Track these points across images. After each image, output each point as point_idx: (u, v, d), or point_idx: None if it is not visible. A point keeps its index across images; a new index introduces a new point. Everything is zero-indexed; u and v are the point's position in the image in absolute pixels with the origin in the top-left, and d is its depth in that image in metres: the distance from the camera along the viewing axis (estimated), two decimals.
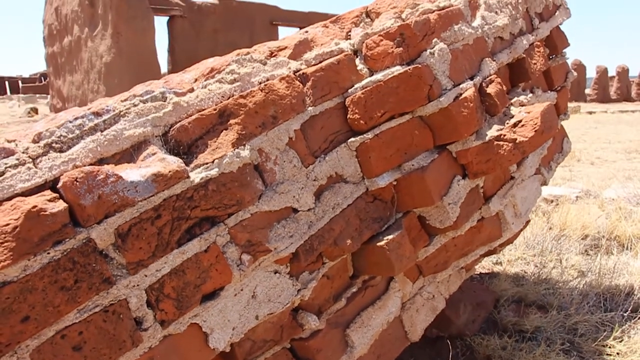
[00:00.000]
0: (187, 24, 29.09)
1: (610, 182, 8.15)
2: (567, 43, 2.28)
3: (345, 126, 1.39)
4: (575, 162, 11.17)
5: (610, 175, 9.30)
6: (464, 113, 1.41)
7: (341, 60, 1.40)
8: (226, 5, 32.13)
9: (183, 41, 28.95)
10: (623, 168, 10.36)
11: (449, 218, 1.45)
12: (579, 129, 20.97)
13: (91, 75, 18.17)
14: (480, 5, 1.70)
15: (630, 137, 17.42)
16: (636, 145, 14.50)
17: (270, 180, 1.22)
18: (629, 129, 21.05)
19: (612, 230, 3.35)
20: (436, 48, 1.40)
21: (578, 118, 28.16)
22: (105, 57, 16.84)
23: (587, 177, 8.75)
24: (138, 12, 16.31)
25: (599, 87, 51.41)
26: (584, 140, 16.28)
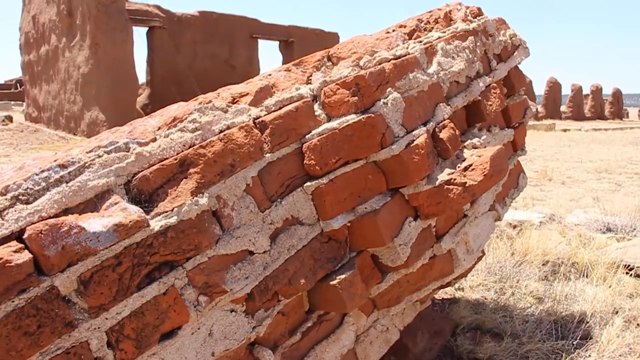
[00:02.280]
0: (166, 35, 29.09)
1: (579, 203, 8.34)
2: (525, 82, 2.39)
3: (301, 171, 1.47)
4: (547, 181, 11.38)
5: (579, 195, 9.51)
6: (415, 159, 1.50)
7: (300, 107, 1.48)
8: (206, 17, 32.22)
9: (162, 52, 28.94)
10: (592, 188, 10.59)
11: (399, 258, 1.54)
12: (553, 147, 21.35)
13: (68, 85, 18.08)
14: (437, 51, 1.80)
15: (601, 157, 17.78)
16: (606, 165, 14.80)
17: (228, 225, 1.30)
18: (600, 148, 21.45)
19: (571, 256, 3.46)
20: (390, 98, 1.49)
21: (553, 136, 28.65)
22: (83, 67, 16.78)
23: (556, 198, 8.93)
24: (117, 24, 16.29)
25: (573, 104, 52.30)
26: (556, 159, 16.57)
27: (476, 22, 2.11)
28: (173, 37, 29.63)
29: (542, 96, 51.86)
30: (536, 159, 16.38)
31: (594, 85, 55.09)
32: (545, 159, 16.45)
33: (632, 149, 21.60)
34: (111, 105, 16.12)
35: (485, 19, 2.18)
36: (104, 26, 16.11)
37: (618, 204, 6.99)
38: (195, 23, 31.61)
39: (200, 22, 31.81)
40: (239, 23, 33.85)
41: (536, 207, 5.08)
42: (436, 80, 1.73)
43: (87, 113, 17.00)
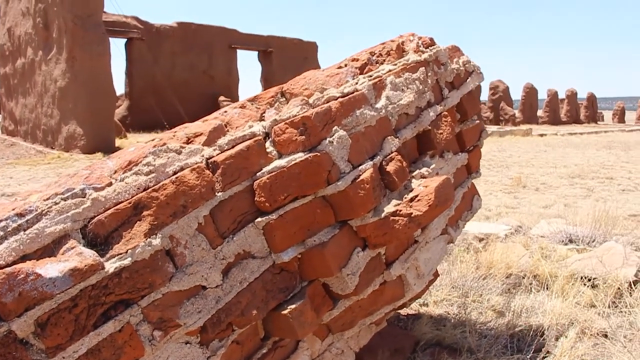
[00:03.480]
0: (145, 47, 29.09)
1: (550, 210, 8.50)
2: (478, 108, 2.50)
3: (253, 207, 1.55)
4: (521, 188, 11.54)
5: (551, 202, 9.68)
6: (360, 194, 1.59)
7: (251, 146, 1.57)
8: (185, 28, 32.27)
9: (141, 64, 28.93)
10: (564, 194, 10.77)
11: (348, 287, 1.63)
12: (529, 152, 21.61)
13: (45, 98, 18.01)
14: (386, 86, 1.89)
15: (575, 161, 18.05)
16: (579, 170, 15.04)
17: (181, 262, 1.38)
18: (575, 153, 21.77)
19: (533, 269, 3.58)
20: (335, 136, 1.59)
21: (529, 141, 28.97)
22: (60, 81, 16.73)
23: (529, 205, 9.10)
24: (94, 37, 16.28)
25: (550, 109, 52.96)
26: (532, 165, 16.79)
27: (428, 52, 2.21)
28: (152, 48, 29.63)
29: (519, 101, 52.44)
30: (512, 165, 16.59)
31: (569, 90, 55.87)
32: (521, 165, 16.66)
33: (605, 153, 21.94)
34: (89, 118, 16.10)
35: (438, 48, 2.28)
36: (81, 40, 16.10)
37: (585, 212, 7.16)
38: (174, 34, 31.64)
39: (178, 33, 31.85)
40: (218, 33, 33.93)
41: (503, 219, 5.20)
42: (384, 114, 1.82)
43: (64, 127, 16.95)
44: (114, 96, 17.89)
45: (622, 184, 12.87)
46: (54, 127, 17.79)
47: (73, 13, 16.03)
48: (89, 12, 16.38)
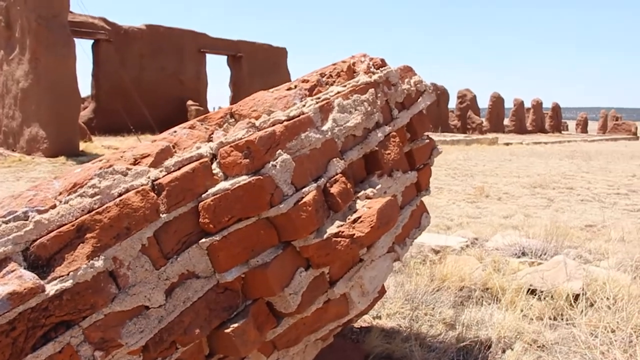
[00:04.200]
0: (112, 49, 28.77)
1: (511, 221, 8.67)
2: (428, 127, 2.57)
3: (197, 228, 1.59)
4: (484, 198, 11.73)
5: (512, 212, 9.86)
6: (302, 216, 1.64)
7: (196, 168, 1.61)
8: (153, 30, 32.05)
9: (108, 66, 28.61)
10: (526, 204, 10.98)
11: (290, 306, 1.67)
12: (494, 161, 21.95)
13: (6, 100, 17.68)
14: (333, 108, 1.95)
15: (538, 171, 18.39)
16: (541, 180, 15.33)
17: (124, 283, 1.41)
18: (539, 162, 22.17)
19: (485, 282, 3.67)
20: (279, 160, 1.63)
21: (495, 150, 29.43)
22: (22, 82, 16.45)
23: (490, 215, 9.25)
24: (58, 39, 16.05)
25: (516, 118, 53.90)
26: (496, 174, 17.06)
27: (378, 73, 2.27)
28: (119, 50, 29.33)
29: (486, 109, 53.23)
30: (477, 174, 16.84)
31: (535, 99, 56.96)
32: (485, 174, 16.93)
33: (568, 163, 22.41)
34: (52, 121, 15.87)
35: (388, 69, 2.34)
36: (45, 41, 15.87)
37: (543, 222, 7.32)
38: (143, 36, 31.40)
39: (147, 35, 31.62)
40: (187, 37, 33.78)
41: (461, 231, 5.31)
42: (330, 136, 1.87)
43: (26, 129, 16.68)
44: (78, 99, 17.67)
45: (581, 194, 13.17)
46: (15, 129, 17.48)
47: (37, 13, 15.78)
48: (54, 13, 16.15)
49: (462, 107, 49.37)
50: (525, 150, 30.33)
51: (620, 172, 19.10)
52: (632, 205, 11.56)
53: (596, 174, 18.03)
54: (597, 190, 13.95)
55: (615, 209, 11.04)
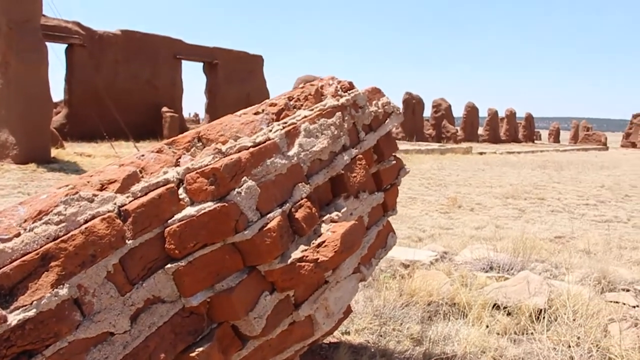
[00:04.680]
0: (86, 54, 28.53)
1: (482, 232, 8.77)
2: (395, 148, 2.61)
3: (163, 253, 1.61)
4: (456, 208, 11.85)
5: (484, 223, 9.98)
6: (267, 242, 1.67)
7: (163, 194, 1.63)
8: (129, 36, 31.85)
9: (82, 71, 28.35)
10: (497, 215, 11.11)
11: (255, 329, 1.70)
12: (468, 171, 22.18)
13: None
14: (300, 133, 1.98)
15: (511, 181, 18.62)
16: (514, 190, 15.52)
17: (89, 311, 1.42)
18: (511, 172, 22.44)
19: (453, 297, 3.72)
20: (244, 187, 1.66)
21: (469, 159, 29.73)
22: None
23: (462, 226, 9.36)
24: (30, 44, 15.85)
25: (490, 128, 54.57)
26: (469, 184, 17.24)
27: (346, 96, 2.31)
28: (93, 55, 29.11)
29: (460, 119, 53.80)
30: (450, 184, 17.00)
31: (509, 109, 57.77)
32: (459, 184, 17.10)
33: (539, 173, 22.73)
34: (22, 127, 15.64)
35: (356, 92, 2.38)
36: (16, 45, 15.64)
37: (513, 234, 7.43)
38: (117, 42, 31.19)
39: (122, 41, 31.41)
40: (163, 43, 33.65)
41: (430, 245, 5.37)
42: (296, 161, 1.91)
43: None
44: (50, 104, 17.44)
45: (552, 204, 13.37)
46: None
47: (8, 17, 15.55)
48: (26, 17, 15.94)
49: (437, 117, 49.79)
50: (498, 159, 30.68)
51: (590, 183, 19.43)
52: (600, 216, 11.77)
53: (567, 185, 18.32)
54: (567, 200, 14.18)
55: (584, 220, 11.23)
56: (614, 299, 3.74)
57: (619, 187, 18.39)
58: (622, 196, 15.77)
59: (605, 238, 8.45)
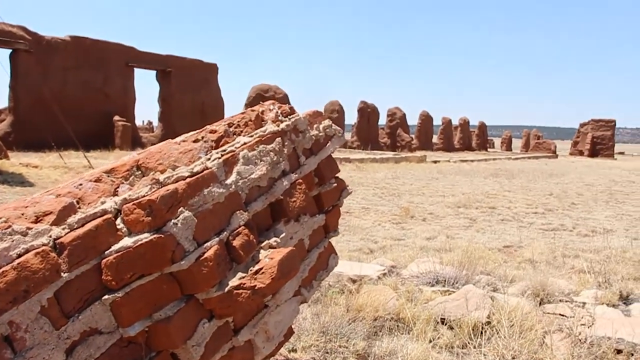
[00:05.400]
0: (33, 60, 27.94)
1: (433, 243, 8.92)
2: (336, 170, 2.67)
3: (100, 285, 1.62)
4: (409, 218, 12.01)
5: (436, 233, 10.14)
6: (204, 271, 1.70)
7: (100, 226, 1.64)
8: (78, 42, 31.33)
9: (28, 77, 27.75)
10: (449, 225, 11.31)
11: (193, 357, 1.72)
12: (422, 180, 22.50)
13: None
14: (238, 160, 2.01)
15: (464, 190, 18.97)
16: (466, 199, 15.81)
17: (21, 347, 1.42)
18: (464, 181, 22.85)
19: (398, 312, 3.80)
20: (180, 218, 1.69)
21: (423, 168, 30.17)
22: None
23: (414, 237, 9.50)
24: None
25: (444, 136, 55.54)
26: (422, 194, 17.49)
27: (286, 122, 2.36)
28: (41, 61, 28.51)
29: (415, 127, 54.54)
30: (404, 193, 17.22)
31: (462, 118, 58.93)
32: (412, 193, 17.34)
33: (492, 181, 23.21)
34: None
35: (297, 117, 2.43)
36: None
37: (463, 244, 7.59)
38: (66, 48, 30.63)
39: (71, 47, 30.86)
40: (114, 50, 33.20)
41: (379, 259, 5.45)
42: (234, 189, 1.94)
43: None
44: None
45: (502, 213, 13.67)
46: None
47: None
48: None
49: (392, 125, 50.39)
50: (452, 168, 31.19)
51: (539, 191, 19.93)
52: (547, 225, 12.09)
53: (517, 193, 18.75)
54: (517, 209, 14.53)
55: (532, 228, 11.53)
56: (551, 310, 3.88)
57: (566, 195, 18.93)
58: (569, 204, 16.24)
59: (550, 247, 8.70)
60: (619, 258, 8.05)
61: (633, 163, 53.60)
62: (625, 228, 12.02)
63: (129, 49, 34.19)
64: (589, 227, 11.76)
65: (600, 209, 15.57)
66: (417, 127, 54.26)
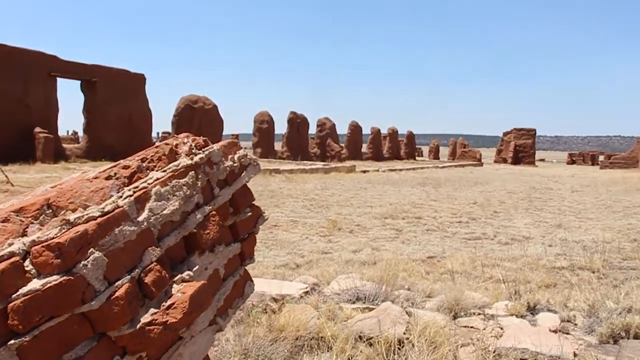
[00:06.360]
0: None
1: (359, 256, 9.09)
2: (251, 199, 2.73)
3: (6, 329, 1.63)
4: (336, 231, 12.16)
5: (362, 245, 10.32)
6: (115, 310, 1.74)
7: (6, 269, 1.65)
8: None
9: None
10: (375, 237, 11.54)
11: None
12: (351, 190, 22.78)
13: None
14: (150, 197, 2.06)
15: (391, 200, 19.34)
16: (393, 210, 16.14)
17: None
18: (392, 191, 23.28)
19: (319, 330, 3.90)
20: (90, 259, 1.72)
21: (352, 178, 30.53)
22: None
23: (341, 250, 9.65)
24: None
25: (373, 146, 56.46)
26: (351, 204, 17.73)
27: (200, 154, 2.41)
28: None
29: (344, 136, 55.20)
30: (332, 204, 17.40)
31: (391, 128, 60.05)
32: (341, 204, 17.55)
33: (419, 191, 23.75)
34: None
35: (211, 149, 2.49)
36: None
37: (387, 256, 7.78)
38: None
39: None
40: (35, 59, 32.11)
41: (302, 276, 5.55)
42: (146, 226, 1.98)
43: None
44: None
45: (428, 223, 14.04)
46: None
47: None
48: None
49: (322, 135, 50.83)
50: (381, 178, 31.71)
51: (464, 200, 20.57)
52: (470, 234, 12.52)
53: (443, 202, 19.28)
54: (442, 219, 14.95)
55: (456, 238, 11.91)
56: (465, 323, 4.07)
57: (489, 203, 19.62)
58: (491, 212, 16.84)
59: (471, 257, 9.03)
60: (534, 266, 8.46)
61: (552, 170, 56.10)
62: (542, 235, 12.58)
63: (52, 57, 33.14)
64: (509, 235, 12.25)
65: (520, 216, 16.22)
66: (346, 136, 54.95)
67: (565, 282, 7.35)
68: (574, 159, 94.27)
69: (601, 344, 3.77)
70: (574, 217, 16.27)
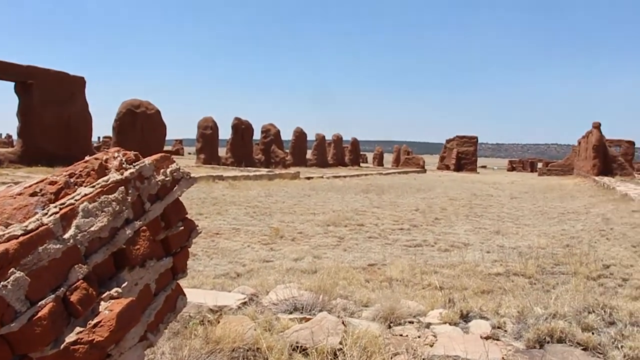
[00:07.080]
0: None
1: (300, 264, 9.12)
2: (183, 213, 2.73)
3: None
4: (279, 239, 12.14)
5: (304, 253, 10.34)
6: (37, 331, 1.71)
7: None
8: None
9: None
10: (317, 244, 11.56)
11: None
12: (294, 197, 22.78)
13: None
14: (77, 214, 2.04)
15: (335, 207, 19.42)
16: (336, 217, 16.19)
17: None
18: (336, 197, 23.40)
19: (255, 342, 3.90)
20: (11, 279, 1.70)
21: (297, 184, 30.54)
22: None
23: (282, 258, 9.64)
24: None
25: (318, 152, 56.68)
26: (294, 212, 17.72)
27: (131, 169, 2.40)
28: None
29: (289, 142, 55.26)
30: (276, 212, 17.35)
31: (335, 134, 60.51)
32: (284, 211, 17.52)
33: (362, 198, 23.94)
34: None
35: (142, 164, 2.48)
36: None
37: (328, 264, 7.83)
38: None
39: None
40: None
41: (241, 286, 5.54)
42: (73, 244, 1.96)
43: None
44: None
45: (370, 230, 14.16)
46: None
47: None
48: None
49: (266, 142, 50.73)
50: (325, 184, 31.82)
51: (407, 207, 20.86)
52: (411, 241, 12.70)
53: (385, 209, 19.50)
54: (384, 226, 15.11)
55: (397, 245, 12.06)
56: (399, 332, 4.15)
57: (431, 210, 19.95)
58: (433, 219, 17.13)
59: (411, 264, 9.18)
60: (471, 273, 8.67)
61: (492, 177, 57.56)
62: (481, 241, 12.87)
63: None
64: (449, 242, 12.48)
65: (461, 223, 16.54)
66: (291, 143, 55.03)
67: (500, 289, 7.56)
68: (514, 165, 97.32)
69: (528, 349, 3.91)
70: (512, 224, 16.71)
